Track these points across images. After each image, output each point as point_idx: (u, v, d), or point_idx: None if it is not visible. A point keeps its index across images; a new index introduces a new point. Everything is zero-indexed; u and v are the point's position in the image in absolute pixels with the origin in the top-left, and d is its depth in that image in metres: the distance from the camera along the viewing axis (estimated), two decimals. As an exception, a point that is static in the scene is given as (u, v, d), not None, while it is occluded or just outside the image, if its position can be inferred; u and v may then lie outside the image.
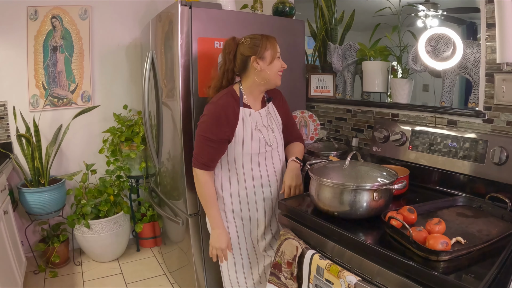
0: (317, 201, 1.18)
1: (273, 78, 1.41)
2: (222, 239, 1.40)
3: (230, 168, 1.43)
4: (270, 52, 1.38)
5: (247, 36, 1.41)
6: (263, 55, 1.37)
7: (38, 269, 2.27)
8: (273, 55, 1.38)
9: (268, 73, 1.39)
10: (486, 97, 1.39)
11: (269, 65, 1.39)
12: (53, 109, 2.43)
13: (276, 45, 1.41)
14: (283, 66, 1.43)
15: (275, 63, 1.39)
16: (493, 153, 1.25)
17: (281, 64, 1.42)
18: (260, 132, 1.42)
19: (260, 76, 1.39)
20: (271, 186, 1.48)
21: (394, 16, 1.74)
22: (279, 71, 1.42)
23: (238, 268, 1.51)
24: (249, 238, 1.50)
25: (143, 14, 2.59)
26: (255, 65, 1.38)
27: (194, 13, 1.60)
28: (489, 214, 1.14)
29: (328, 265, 1.02)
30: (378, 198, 1.10)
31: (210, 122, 1.35)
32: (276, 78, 1.42)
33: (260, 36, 1.40)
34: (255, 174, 1.44)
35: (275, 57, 1.39)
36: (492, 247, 0.91)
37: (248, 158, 1.42)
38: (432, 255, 0.85)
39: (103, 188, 2.37)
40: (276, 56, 1.39)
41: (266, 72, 1.38)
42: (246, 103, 1.42)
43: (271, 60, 1.38)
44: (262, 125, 1.43)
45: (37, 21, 2.33)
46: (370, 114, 1.84)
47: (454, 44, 1.42)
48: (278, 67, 1.41)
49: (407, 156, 1.54)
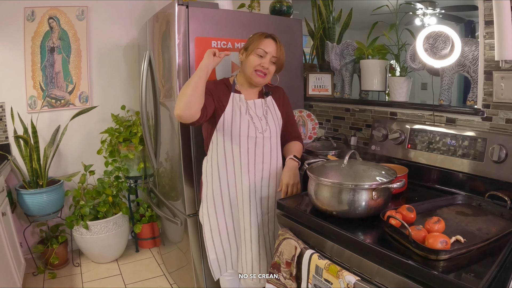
0: (315, 200, 1.17)
1: (246, 72, 1.40)
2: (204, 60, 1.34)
3: (219, 151, 1.44)
4: (252, 45, 1.38)
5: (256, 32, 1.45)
6: (247, 46, 1.41)
7: (37, 271, 2.26)
8: (251, 49, 1.38)
9: (243, 65, 1.42)
10: (484, 95, 1.38)
11: (246, 57, 1.40)
12: (51, 110, 2.43)
13: (264, 43, 1.38)
14: (261, 65, 1.38)
15: (252, 58, 1.37)
16: (492, 151, 1.25)
17: (260, 62, 1.37)
18: (251, 118, 1.42)
19: (241, 66, 1.44)
20: (256, 173, 1.45)
21: (392, 15, 1.74)
22: (255, 68, 1.38)
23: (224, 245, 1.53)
24: (237, 223, 1.50)
25: (141, 14, 2.58)
26: (239, 55, 1.45)
27: (191, 13, 1.59)
28: (489, 212, 1.14)
29: (327, 265, 1.02)
30: (377, 197, 1.09)
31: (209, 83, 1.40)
32: (251, 74, 1.39)
33: (259, 33, 1.42)
34: (243, 158, 1.42)
35: (252, 51, 1.37)
36: (492, 246, 0.91)
37: (236, 141, 1.41)
38: (431, 254, 0.85)
39: (101, 189, 2.36)
40: (254, 51, 1.37)
41: (244, 64, 1.41)
42: (237, 90, 1.46)
43: (248, 53, 1.39)
44: (254, 113, 1.44)
45: (34, 22, 2.32)
46: (369, 112, 1.83)
47: (452, 42, 1.41)
48: (254, 63, 1.38)
49: (406, 155, 1.53)
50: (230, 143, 1.42)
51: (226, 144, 1.42)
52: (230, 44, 1.70)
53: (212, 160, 1.46)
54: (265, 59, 1.38)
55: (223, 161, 1.44)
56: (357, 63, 1.93)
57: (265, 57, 1.38)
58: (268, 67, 1.39)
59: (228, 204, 1.48)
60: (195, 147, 1.67)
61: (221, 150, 1.43)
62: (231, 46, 1.71)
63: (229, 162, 1.43)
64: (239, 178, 1.44)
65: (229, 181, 1.45)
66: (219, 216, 1.49)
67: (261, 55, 1.38)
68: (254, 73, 1.39)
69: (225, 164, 1.44)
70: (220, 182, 1.46)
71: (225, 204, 1.48)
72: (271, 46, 1.39)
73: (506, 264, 0.86)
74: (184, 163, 1.67)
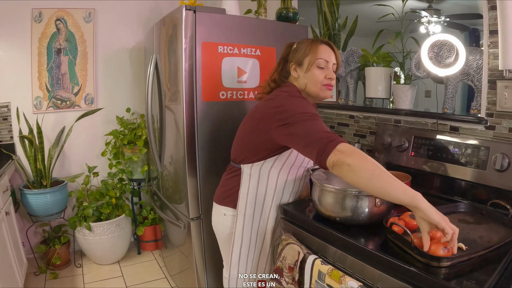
0: (319, 206, 1.18)
1: (312, 89, 1.24)
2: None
3: (262, 176, 1.30)
4: (309, 57, 1.22)
5: (300, 41, 1.29)
6: (301, 61, 1.24)
7: (39, 271, 2.27)
8: (310, 62, 1.22)
9: (305, 81, 1.24)
10: (488, 104, 1.39)
11: (306, 73, 1.24)
12: (56, 111, 2.45)
13: (322, 52, 1.23)
14: (328, 77, 1.23)
15: (314, 72, 1.22)
16: (495, 159, 1.25)
17: (325, 74, 1.23)
18: None
19: (298, 84, 1.27)
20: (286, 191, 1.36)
21: (397, 22, 1.75)
22: (322, 83, 1.23)
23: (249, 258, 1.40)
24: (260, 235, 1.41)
25: (147, 17, 2.61)
26: (292, 72, 1.27)
27: (198, 18, 1.61)
28: (491, 220, 1.14)
29: (329, 270, 1.02)
30: (380, 204, 1.10)
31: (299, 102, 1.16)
32: (319, 90, 1.24)
33: (307, 40, 1.26)
34: (281, 179, 1.32)
35: (312, 64, 1.22)
36: (493, 254, 0.91)
37: (286, 170, 1.29)
38: (433, 261, 0.85)
39: (105, 191, 2.38)
40: (314, 63, 1.22)
41: (304, 80, 1.24)
42: None
43: (307, 68, 1.23)
44: None
45: (41, 23, 2.35)
46: (373, 120, 1.84)
47: (457, 50, 1.42)
48: (319, 77, 1.22)
49: (409, 162, 1.54)
50: (277, 173, 1.29)
51: (274, 168, 1.29)
52: (237, 49, 1.72)
53: (255, 178, 1.32)
54: (328, 70, 1.24)
55: (265, 181, 1.31)
56: (362, 70, 1.95)
57: (327, 67, 1.24)
58: (334, 77, 1.26)
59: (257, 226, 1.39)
60: (200, 151, 1.69)
61: (264, 177, 1.30)
62: (237, 51, 1.72)
63: (271, 185, 1.32)
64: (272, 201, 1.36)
65: (265, 205, 1.35)
66: (253, 236, 1.39)
67: (323, 66, 1.23)
68: (323, 87, 1.23)
69: (265, 185, 1.32)
70: (255, 204, 1.34)
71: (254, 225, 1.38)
72: (328, 52, 1.25)
73: (507, 272, 0.86)
74: (188, 167, 1.68)
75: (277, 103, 1.19)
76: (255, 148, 1.28)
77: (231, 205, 1.37)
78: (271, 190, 1.34)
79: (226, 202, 1.38)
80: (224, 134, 1.72)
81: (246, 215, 1.35)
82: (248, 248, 1.39)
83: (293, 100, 1.19)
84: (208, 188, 1.71)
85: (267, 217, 1.37)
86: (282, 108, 1.16)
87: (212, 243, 1.68)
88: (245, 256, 1.40)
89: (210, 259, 1.79)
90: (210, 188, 1.66)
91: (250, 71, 1.77)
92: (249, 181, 1.33)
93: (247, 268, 1.42)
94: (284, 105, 1.17)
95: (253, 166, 1.31)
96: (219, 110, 1.71)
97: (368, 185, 0.94)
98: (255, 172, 1.32)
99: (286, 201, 1.36)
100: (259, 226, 1.38)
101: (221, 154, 1.69)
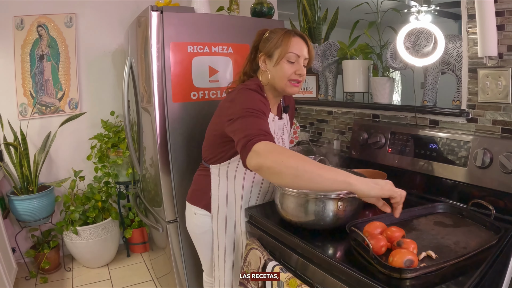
0: (281, 210, 1.13)
1: (278, 84, 1.17)
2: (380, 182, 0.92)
3: (229, 177, 1.27)
4: (280, 50, 1.14)
5: (273, 29, 1.19)
6: (272, 52, 1.16)
7: (29, 275, 2.29)
8: (280, 54, 1.13)
9: (271, 75, 1.17)
10: (469, 95, 1.31)
11: (274, 66, 1.16)
12: (41, 117, 2.45)
13: (294, 45, 1.14)
14: (297, 73, 1.15)
15: (283, 66, 1.14)
16: (476, 155, 1.17)
17: (294, 70, 1.15)
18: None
19: (264, 78, 1.20)
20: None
21: (380, 13, 1.67)
22: (289, 78, 1.15)
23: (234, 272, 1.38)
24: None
25: (128, 19, 2.57)
26: (261, 64, 1.19)
27: (166, 18, 1.57)
28: (470, 222, 1.05)
29: (287, 278, 0.98)
30: (343, 208, 1.04)
31: (249, 96, 1.09)
32: (284, 85, 1.16)
33: (281, 31, 1.17)
34: (247, 180, 1.28)
35: (282, 57, 1.13)
36: (468, 262, 0.83)
37: None
38: (394, 273, 0.79)
39: (90, 195, 2.38)
40: (284, 57, 1.13)
41: (270, 74, 1.17)
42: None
43: (277, 61, 1.14)
44: (279, 136, 1.31)
45: (23, 30, 2.35)
46: (351, 115, 1.78)
47: (435, 38, 1.35)
48: (287, 72, 1.15)
49: (387, 160, 1.47)
50: (244, 170, 1.24)
51: (240, 169, 1.24)
52: (207, 48, 1.68)
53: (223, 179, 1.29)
54: (299, 65, 1.16)
55: (233, 183, 1.28)
56: (341, 64, 1.88)
57: (298, 62, 1.16)
58: (303, 73, 1.18)
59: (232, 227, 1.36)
60: (173, 153, 1.66)
61: (232, 178, 1.27)
62: (208, 50, 1.68)
63: (238, 187, 1.28)
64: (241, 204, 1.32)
65: (236, 207, 1.31)
66: (227, 239, 1.36)
67: (293, 60, 1.15)
68: (289, 83, 1.16)
69: (233, 187, 1.29)
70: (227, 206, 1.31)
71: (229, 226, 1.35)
72: (301, 46, 1.16)
73: (484, 283, 0.78)
74: (162, 170, 1.65)
75: (231, 98, 1.15)
76: (217, 147, 1.25)
77: (200, 205, 1.35)
78: (239, 191, 1.30)
79: (196, 202, 1.37)
80: (199, 134, 1.68)
81: (219, 218, 1.33)
82: (225, 251, 1.37)
83: (245, 94, 1.12)
84: (183, 191, 1.68)
85: (239, 220, 1.33)
86: (233, 103, 1.11)
87: (191, 246, 1.65)
88: (223, 259, 1.38)
89: (189, 262, 1.76)
90: (186, 190, 1.62)
91: (222, 70, 1.73)
92: (219, 183, 1.31)
93: (225, 271, 1.39)
94: (235, 99, 1.11)
95: (221, 166, 1.28)
96: (192, 110, 1.68)
97: (295, 183, 0.89)
98: (223, 174, 1.29)
99: (254, 202, 1.33)
100: (235, 229, 1.34)
101: (196, 156, 1.66)
